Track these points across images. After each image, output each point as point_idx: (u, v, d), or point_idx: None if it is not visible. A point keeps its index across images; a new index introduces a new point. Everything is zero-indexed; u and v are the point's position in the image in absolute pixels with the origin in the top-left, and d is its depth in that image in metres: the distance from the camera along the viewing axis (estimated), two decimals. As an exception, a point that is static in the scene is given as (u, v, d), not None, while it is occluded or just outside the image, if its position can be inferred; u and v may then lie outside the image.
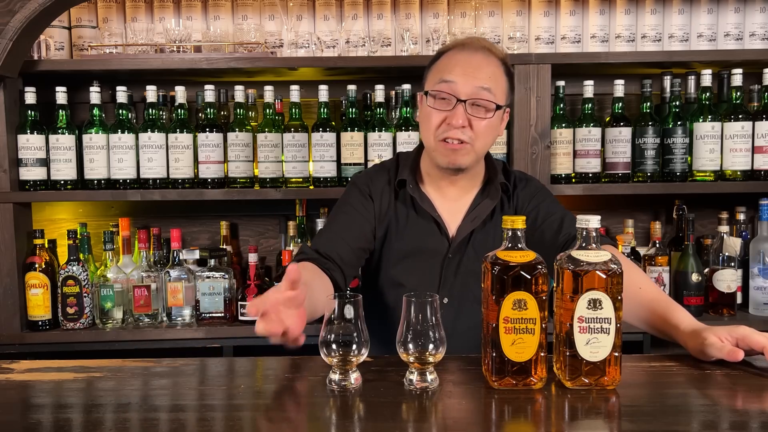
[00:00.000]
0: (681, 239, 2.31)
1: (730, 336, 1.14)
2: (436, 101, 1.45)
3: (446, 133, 1.43)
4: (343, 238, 1.50)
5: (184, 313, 2.21)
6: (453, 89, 1.42)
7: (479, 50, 1.46)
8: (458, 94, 1.42)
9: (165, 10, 2.36)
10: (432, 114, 1.45)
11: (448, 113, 1.43)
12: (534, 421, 0.95)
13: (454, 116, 1.42)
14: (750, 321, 2.20)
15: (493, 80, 1.44)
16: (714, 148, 2.21)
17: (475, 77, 1.42)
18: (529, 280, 1.02)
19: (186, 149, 2.21)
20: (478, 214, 1.52)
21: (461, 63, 1.44)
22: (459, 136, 1.42)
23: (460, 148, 1.44)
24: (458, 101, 1.42)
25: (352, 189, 1.60)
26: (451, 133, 1.42)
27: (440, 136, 1.44)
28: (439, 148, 1.45)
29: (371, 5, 2.34)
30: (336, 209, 1.59)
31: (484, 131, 1.44)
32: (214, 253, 2.24)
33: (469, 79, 1.42)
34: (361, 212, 1.55)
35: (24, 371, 1.18)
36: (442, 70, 1.46)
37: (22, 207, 2.22)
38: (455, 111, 1.42)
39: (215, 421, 0.94)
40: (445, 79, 1.43)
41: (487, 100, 1.42)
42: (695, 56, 2.23)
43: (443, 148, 1.45)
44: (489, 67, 1.45)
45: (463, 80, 1.42)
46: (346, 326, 1.05)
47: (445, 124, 1.43)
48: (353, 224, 1.53)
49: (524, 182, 1.59)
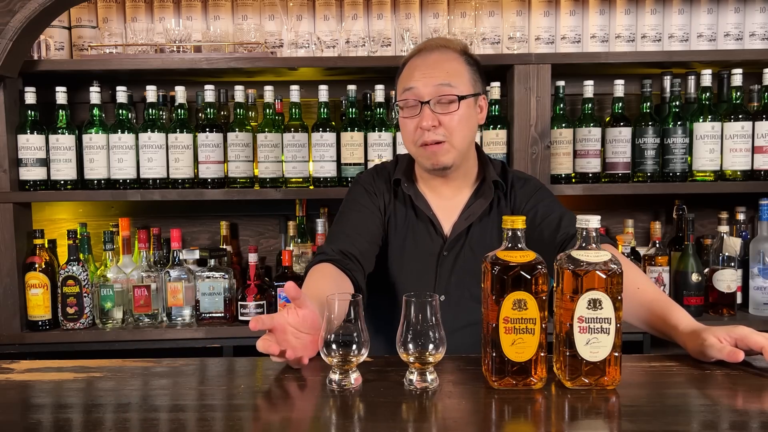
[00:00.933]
0: (681, 239, 2.31)
1: (729, 336, 1.14)
2: (405, 110, 1.48)
3: (422, 138, 1.46)
4: (360, 234, 1.51)
5: (184, 313, 2.21)
6: (415, 94, 1.45)
7: (434, 50, 1.49)
8: (420, 97, 1.45)
9: (165, 10, 2.36)
10: (405, 123, 1.49)
11: (417, 118, 1.46)
12: (534, 421, 0.95)
13: (423, 118, 1.44)
14: (750, 321, 2.20)
15: (452, 74, 1.46)
16: (714, 148, 2.21)
17: (432, 76, 1.45)
18: (529, 280, 1.02)
19: (186, 149, 2.21)
20: (472, 213, 1.53)
21: (418, 67, 1.47)
22: (433, 138, 1.44)
23: (439, 149, 1.46)
24: (422, 104, 1.44)
25: (358, 188, 1.60)
26: (426, 136, 1.45)
27: (418, 141, 1.47)
28: (420, 153, 1.49)
29: (371, 5, 2.34)
30: (344, 209, 1.59)
31: (457, 125, 1.45)
32: (214, 253, 2.24)
33: (427, 80, 1.45)
34: (371, 209, 1.56)
35: (24, 371, 1.18)
36: (404, 79, 1.50)
37: (22, 207, 2.22)
38: (422, 114, 1.45)
39: (215, 421, 0.94)
40: (406, 87, 1.47)
41: (448, 95, 1.44)
42: (695, 56, 2.23)
43: (423, 152, 1.48)
44: (446, 63, 1.47)
45: (422, 83, 1.45)
46: (346, 326, 1.05)
47: (419, 129, 1.46)
48: (367, 221, 1.54)
49: (522, 181, 1.59)
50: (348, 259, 1.44)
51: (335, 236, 1.52)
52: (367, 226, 1.53)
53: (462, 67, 1.49)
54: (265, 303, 2.22)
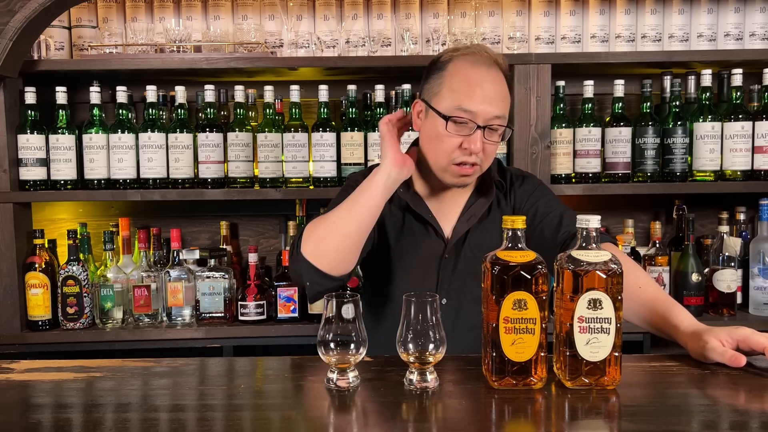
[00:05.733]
0: (681, 239, 2.31)
1: (731, 338, 1.14)
2: (456, 126, 1.40)
3: (462, 158, 1.40)
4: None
5: (184, 313, 2.21)
6: (474, 117, 1.39)
7: (492, 67, 1.43)
8: (477, 120, 1.39)
9: (165, 10, 2.36)
10: (446, 138, 1.41)
11: (465, 138, 1.39)
12: (534, 421, 0.95)
13: (473, 142, 1.38)
14: (750, 321, 2.20)
15: (504, 104, 1.43)
16: (714, 148, 2.21)
17: (492, 104, 1.39)
18: (529, 280, 1.02)
19: (186, 149, 2.21)
20: (473, 214, 1.52)
21: (477, 85, 1.40)
22: (474, 161, 1.41)
23: (472, 171, 1.43)
24: (478, 127, 1.39)
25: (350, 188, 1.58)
26: (469, 158, 1.40)
27: (456, 160, 1.41)
28: (452, 170, 1.43)
29: (371, 5, 2.34)
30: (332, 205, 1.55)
31: (492, 152, 1.44)
32: (214, 253, 2.24)
33: (486, 107, 1.39)
34: None
35: (24, 371, 1.18)
36: (457, 91, 1.40)
37: (22, 207, 2.22)
38: (474, 137, 1.38)
39: (215, 421, 0.94)
40: (465, 108, 1.38)
41: (500, 125, 1.41)
42: (695, 56, 2.23)
43: (456, 170, 1.42)
44: (501, 89, 1.43)
45: (481, 108, 1.38)
46: (344, 326, 1.05)
47: (462, 148, 1.40)
48: None
49: (521, 179, 1.58)
50: None
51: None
52: None
53: (507, 94, 1.45)
54: (265, 303, 2.22)
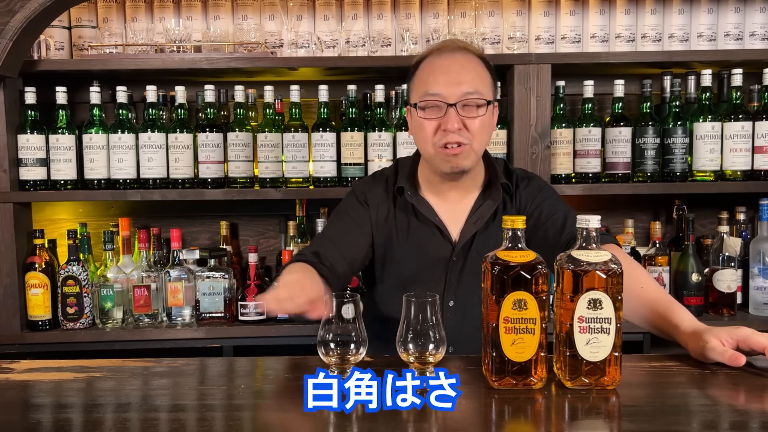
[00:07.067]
0: (681, 239, 2.31)
1: (731, 338, 1.14)
2: (426, 111, 1.44)
3: (444, 139, 1.42)
4: (336, 246, 1.51)
5: (184, 313, 2.21)
6: (441, 97, 1.42)
7: (456, 52, 1.46)
8: (446, 99, 1.41)
9: (165, 10, 2.36)
10: (425, 123, 1.44)
11: (441, 119, 1.42)
12: (534, 421, 0.95)
13: (448, 120, 1.41)
14: (750, 321, 2.20)
15: (477, 81, 1.43)
16: (714, 148, 2.21)
17: (460, 83, 1.41)
18: (529, 280, 1.02)
19: (186, 149, 2.21)
20: (481, 216, 1.52)
21: (442, 70, 1.43)
22: (457, 139, 1.42)
23: (460, 151, 1.43)
24: (448, 105, 1.41)
25: (350, 197, 1.60)
26: (449, 137, 1.41)
27: (438, 143, 1.43)
28: (440, 155, 1.44)
29: (371, 5, 2.34)
30: (333, 217, 1.60)
31: (479, 130, 1.44)
32: (214, 253, 2.24)
33: (454, 87, 1.41)
34: (357, 221, 1.55)
35: (24, 371, 1.18)
36: (425, 81, 1.45)
37: (22, 207, 2.22)
38: (448, 115, 1.41)
39: (215, 421, 0.94)
40: (430, 92, 1.43)
41: (477, 99, 1.42)
42: (695, 56, 2.23)
43: (444, 154, 1.44)
44: (470, 67, 1.45)
45: (448, 89, 1.41)
46: (344, 326, 1.05)
47: (441, 130, 1.42)
48: (347, 234, 1.54)
49: (526, 181, 1.58)
50: (323, 265, 1.44)
51: (317, 242, 1.54)
52: (346, 239, 1.53)
53: (484, 72, 1.47)
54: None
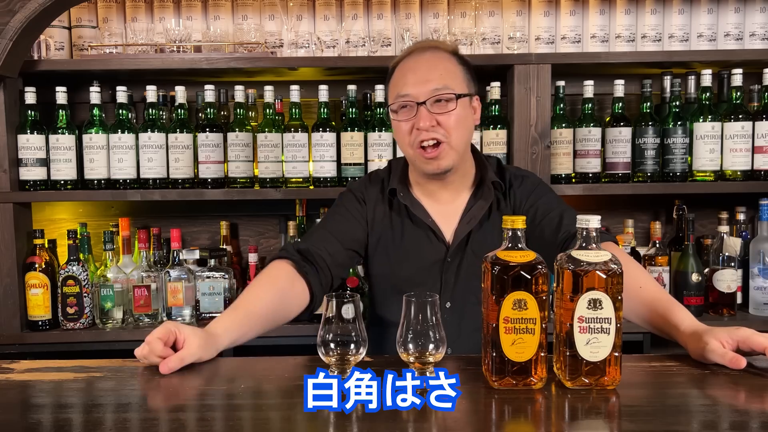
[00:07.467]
0: (681, 239, 2.31)
1: (731, 339, 1.14)
2: (399, 113, 1.46)
3: (418, 138, 1.43)
4: (337, 237, 1.51)
5: (184, 313, 2.21)
6: (411, 97, 1.43)
7: (425, 51, 1.47)
8: (416, 98, 1.43)
9: (165, 10, 2.36)
10: (400, 126, 1.46)
11: (414, 119, 1.44)
12: (534, 421, 0.94)
13: (420, 119, 1.42)
14: (750, 321, 2.20)
15: (445, 76, 1.44)
16: (714, 148, 2.21)
17: (427, 80, 1.43)
18: (529, 280, 1.02)
19: (186, 149, 2.21)
20: (474, 216, 1.51)
21: (410, 70, 1.45)
22: (432, 136, 1.42)
23: (438, 152, 1.43)
24: (418, 104, 1.43)
25: (347, 194, 1.60)
26: (423, 135, 1.42)
27: (414, 142, 1.44)
28: (419, 156, 1.46)
29: (371, 5, 2.34)
30: (330, 212, 1.59)
31: (455, 125, 1.44)
32: (214, 253, 2.24)
33: (422, 85, 1.42)
34: (355, 216, 1.55)
35: (24, 371, 1.18)
36: (396, 84, 1.47)
37: (22, 207, 2.22)
38: (419, 114, 1.43)
39: (215, 421, 0.94)
40: (400, 93, 1.45)
41: (446, 93, 1.43)
42: (695, 56, 2.23)
43: (422, 156, 1.45)
44: (439, 64, 1.45)
45: (416, 89, 1.43)
46: (344, 326, 1.05)
47: (415, 129, 1.43)
48: (347, 226, 1.54)
49: (521, 179, 1.58)
50: (308, 262, 1.44)
51: (308, 236, 1.53)
52: (346, 232, 1.53)
53: (455, 67, 1.47)
54: (265, 303, 2.22)
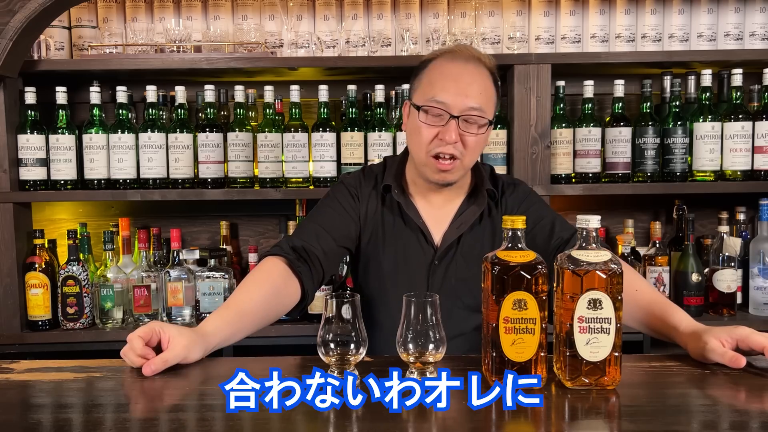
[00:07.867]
0: (681, 239, 2.31)
1: (730, 338, 1.14)
2: (428, 116, 1.42)
3: (438, 149, 1.41)
4: (330, 234, 1.49)
5: (184, 313, 2.21)
6: (446, 107, 1.40)
7: (469, 62, 1.43)
8: (451, 111, 1.40)
9: (165, 10, 2.36)
10: (423, 128, 1.42)
11: (441, 128, 1.41)
12: (534, 421, 0.94)
13: (447, 132, 1.39)
14: (750, 321, 2.20)
15: (484, 97, 1.42)
16: (714, 148, 2.21)
17: (467, 95, 1.40)
18: (529, 280, 1.02)
19: (186, 149, 2.21)
20: (464, 221, 1.51)
21: (453, 78, 1.41)
22: (451, 152, 1.41)
23: (451, 167, 1.42)
24: (451, 117, 1.40)
25: (340, 187, 1.58)
26: (444, 148, 1.40)
27: (432, 151, 1.42)
28: (430, 164, 1.44)
29: (371, 5, 2.34)
30: (321, 204, 1.56)
31: (474, 146, 1.43)
32: (214, 253, 2.24)
33: (461, 99, 1.39)
34: (348, 212, 1.54)
35: (24, 371, 1.18)
36: (434, 85, 1.42)
37: (22, 207, 2.22)
38: (448, 127, 1.40)
39: (215, 421, 0.94)
40: (437, 98, 1.40)
41: (479, 116, 1.41)
42: (695, 56, 2.23)
43: (434, 165, 1.43)
44: (480, 82, 1.42)
45: (455, 100, 1.39)
46: (344, 326, 1.05)
47: (438, 139, 1.41)
48: (340, 221, 1.52)
49: (512, 187, 1.57)
50: (301, 260, 1.42)
51: (300, 230, 1.51)
52: (339, 227, 1.51)
53: (492, 89, 1.45)
54: (265, 303, 2.22)
